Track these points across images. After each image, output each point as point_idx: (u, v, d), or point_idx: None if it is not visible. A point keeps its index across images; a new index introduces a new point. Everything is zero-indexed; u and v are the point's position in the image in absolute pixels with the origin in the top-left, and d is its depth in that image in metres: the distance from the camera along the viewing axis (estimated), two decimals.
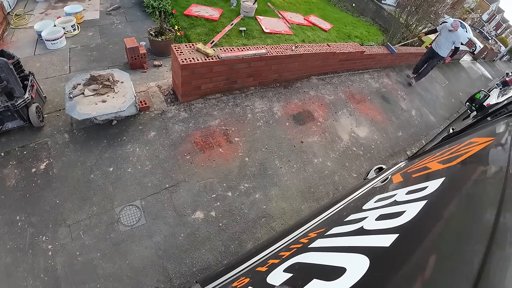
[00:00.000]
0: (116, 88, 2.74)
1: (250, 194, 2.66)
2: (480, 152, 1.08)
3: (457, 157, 1.18)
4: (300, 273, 0.81)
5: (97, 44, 3.84)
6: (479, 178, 0.87)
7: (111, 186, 2.33)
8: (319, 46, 4.14)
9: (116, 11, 4.68)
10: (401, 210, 0.85)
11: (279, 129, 3.39)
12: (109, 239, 2.06)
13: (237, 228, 2.40)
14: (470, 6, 16.86)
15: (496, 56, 16.10)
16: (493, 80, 10.89)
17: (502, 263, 0.49)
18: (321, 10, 7.93)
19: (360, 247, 0.75)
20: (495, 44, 18.42)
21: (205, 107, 3.24)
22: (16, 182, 2.19)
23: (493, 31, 29.03)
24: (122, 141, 2.65)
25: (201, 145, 2.87)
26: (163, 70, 3.76)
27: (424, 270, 0.54)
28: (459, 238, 0.62)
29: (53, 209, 2.12)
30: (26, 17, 4.02)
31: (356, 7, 9.41)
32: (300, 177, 3.00)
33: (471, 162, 1.04)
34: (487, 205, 0.70)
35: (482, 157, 1.05)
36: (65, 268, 1.88)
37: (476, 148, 1.14)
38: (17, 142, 2.43)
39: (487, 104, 4.02)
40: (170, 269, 2.04)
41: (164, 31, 3.88)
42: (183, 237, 2.21)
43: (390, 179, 1.53)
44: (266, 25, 5.62)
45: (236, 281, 1.13)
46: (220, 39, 4.62)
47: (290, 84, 4.11)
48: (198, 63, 2.82)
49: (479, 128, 1.70)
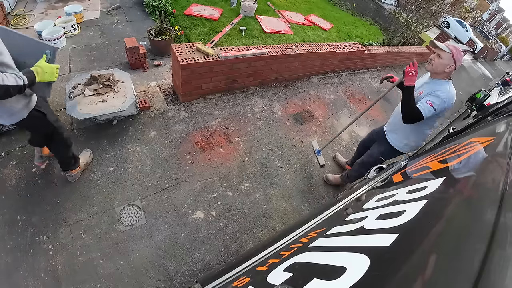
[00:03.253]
0: (117, 88, 2.74)
1: (250, 193, 2.66)
2: (480, 152, 1.08)
3: (457, 156, 1.18)
4: (300, 273, 0.81)
5: (97, 44, 3.84)
6: (479, 177, 0.87)
7: (112, 186, 2.33)
8: (319, 45, 4.14)
9: (116, 11, 4.67)
10: (401, 209, 0.85)
11: (280, 129, 3.39)
12: (110, 238, 2.07)
13: (237, 227, 2.40)
14: (471, 6, 16.83)
15: (496, 55, 16.09)
16: (494, 79, 10.88)
17: (503, 263, 0.49)
18: (321, 9, 7.93)
19: (360, 247, 0.75)
20: (496, 44, 18.40)
21: (205, 107, 3.24)
22: (16, 182, 2.20)
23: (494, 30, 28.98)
24: (123, 140, 2.65)
25: (201, 144, 2.87)
26: (163, 70, 3.76)
27: (424, 269, 0.54)
28: (459, 237, 0.62)
29: (53, 209, 2.12)
30: (26, 17, 4.02)
31: (357, 6, 9.41)
32: (301, 177, 3.00)
33: (471, 161, 1.04)
34: (487, 204, 0.70)
35: (482, 156, 1.05)
36: (66, 268, 1.88)
37: (476, 148, 1.14)
38: (17, 142, 2.43)
39: (487, 103, 4.02)
40: (170, 268, 2.04)
41: (164, 31, 3.88)
42: (184, 236, 2.22)
43: (390, 179, 1.53)
44: (266, 25, 5.62)
45: (236, 281, 1.13)
46: (220, 39, 4.62)
47: (290, 83, 4.11)
48: (198, 63, 2.82)
49: (480, 128, 1.70)
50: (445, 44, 1.89)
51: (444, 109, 1.92)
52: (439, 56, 1.89)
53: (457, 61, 1.85)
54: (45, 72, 1.52)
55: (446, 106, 1.91)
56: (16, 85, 1.34)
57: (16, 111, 1.56)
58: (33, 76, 1.46)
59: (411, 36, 6.55)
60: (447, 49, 1.84)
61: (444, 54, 1.86)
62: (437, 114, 1.96)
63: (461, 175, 0.95)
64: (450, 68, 1.87)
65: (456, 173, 1.00)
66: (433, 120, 2.09)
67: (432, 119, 2.05)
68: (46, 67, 1.52)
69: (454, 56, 1.83)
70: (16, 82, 1.33)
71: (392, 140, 2.33)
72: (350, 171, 2.80)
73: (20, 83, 1.36)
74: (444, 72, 1.91)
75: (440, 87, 1.92)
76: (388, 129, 2.40)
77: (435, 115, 1.96)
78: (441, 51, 1.88)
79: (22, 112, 1.60)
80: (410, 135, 2.22)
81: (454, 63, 1.85)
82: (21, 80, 1.36)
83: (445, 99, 1.88)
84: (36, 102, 1.68)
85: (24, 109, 1.61)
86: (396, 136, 2.31)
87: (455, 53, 1.83)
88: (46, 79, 1.54)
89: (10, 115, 1.57)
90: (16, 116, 1.59)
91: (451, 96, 1.91)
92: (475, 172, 0.90)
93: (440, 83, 1.95)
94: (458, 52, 1.85)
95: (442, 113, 1.99)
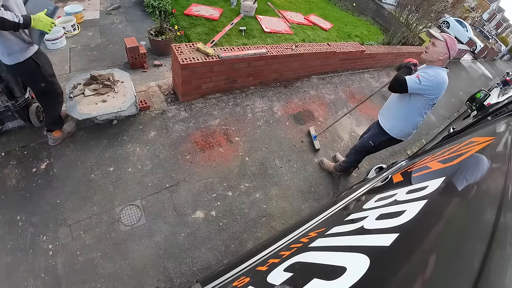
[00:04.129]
0: (117, 88, 2.74)
1: (250, 193, 2.66)
2: (480, 152, 1.08)
3: (457, 156, 1.18)
4: (301, 273, 0.81)
5: (97, 44, 3.84)
6: (479, 177, 0.87)
7: (112, 186, 2.33)
8: (319, 45, 4.14)
9: (116, 11, 4.67)
10: (402, 209, 0.85)
11: (280, 129, 3.39)
12: (110, 238, 2.07)
13: (237, 227, 2.40)
14: (471, 5, 16.83)
15: (496, 55, 16.09)
16: (494, 79, 10.88)
17: (503, 263, 0.49)
18: (321, 9, 7.93)
19: (360, 247, 0.75)
20: (496, 44, 18.41)
21: (205, 107, 3.24)
22: (16, 182, 2.20)
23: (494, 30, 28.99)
24: (123, 140, 2.65)
25: (201, 144, 2.87)
26: (163, 70, 3.76)
27: (424, 269, 0.54)
28: (459, 237, 0.62)
29: (53, 208, 2.12)
30: None
31: (357, 6, 9.40)
32: (301, 177, 3.00)
33: (472, 161, 1.04)
34: (487, 204, 0.70)
35: (482, 156, 1.05)
36: (66, 268, 1.88)
37: (476, 148, 1.14)
38: (17, 142, 2.43)
39: (487, 103, 4.02)
40: (170, 268, 2.04)
41: (164, 31, 3.88)
42: (184, 236, 2.22)
43: (391, 179, 1.53)
44: (266, 25, 5.62)
45: (236, 281, 1.13)
46: (220, 39, 4.62)
47: (290, 83, 4.11)
48: (198, 63, 2.82)
49: (480, 128, 1.70)
50: (440, 34, 1.97)
51: (430, 88, 1.97)
52: (434, 45, 1.97)
53: (451, 50, 1.92)
54: (40, 21, 1.74)
55: (433, 86, 1.96)
56: (11, 21, 1.57)
57: (13, 51, 1.79)
58: (29, 20, 1.69)
59: (411, 36, 6.55)
60: (441, 37, 1.93)
61: (438, 42, 1.94)
62: (424, 96, 2.02)
63: (461, 175, 0.95)
64: (444, 56, 1.94)
65: (456, 173, 1.00)
66: (419, 103, 2.10)
67: (419, 101, 2.08)
68: (42, 17, 1.75)
69: (448, 45, 1.91)
70: (12, 18, 1.57)
71: (382, 121, 2.40)
72: (343, 161, 2.93)
73: (16, 20, 1.60)
74: (439, 60, 1.98)
75: (432, 69, 2.01)
76: (380, 112, 2.50)
77: (422, 99, 2.03)
78: (435, 39, 1.96)
79: (18, 55, 1.82)
80: (398, 116, 2.27)
81: (448, 51, 1.92)
82: (17, 19, 1.60)
83: (433, 78, 1.94)
84: (34, 53, 1.89)
85: (22, 53, 1.83)
86: (386, 116, 2.39)
87: (448, 41, 1.92)
88: (39, 27, 1.76)
89: (8, 54, 1.79)
90: (13, 57, 1.81)
91: (441, 79, 1.96)
92: (475, 172, 0.90)
93: (434, 67, 2.02)
94: (452, 41, 1.93)
95: (429, 96, 2.02)
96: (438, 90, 1.98)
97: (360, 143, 2.68)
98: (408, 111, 2.17)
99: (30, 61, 1.87)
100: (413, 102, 2.10)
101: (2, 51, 1.78)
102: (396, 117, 2.28)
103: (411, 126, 2.26)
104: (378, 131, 2.44)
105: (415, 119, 2.20)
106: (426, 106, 2.10)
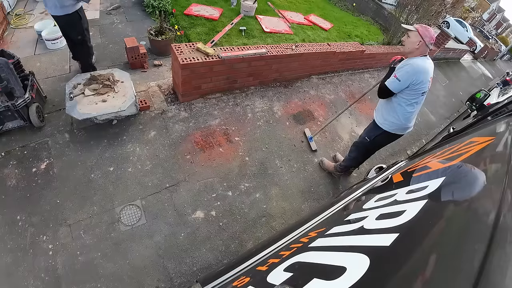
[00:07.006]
0: (116, 88, 2.74)
1: (250, 193, 2.66)
2: (480, 152, 1.08)
3: (457, 156, 1.18)
4: (300, 272, 0.81)
5: (97, 44, 3.83)
6: (479, 177, 0.87)
7: (112, 186, 2.33)
8: (319, 45, 4.13)
9: (116, 11, 4.67)
10: (402, 209, 0.85)
11: (280, 129, 3.39)
12: (110, 238, 2.07)
13: (237, 227, 2.40)
14: (471, 5, 16.83)
15: (496, 55, 16.09)
16: (494, 79, 10.89)
17: (503, 263, 0.49)
18: (321, 9, 7.92)
19: (360, 247, 0.75)
20: (496, 44, 18.41)
21: (205, 107, 3.24)
22: (16, 182, 2.20)
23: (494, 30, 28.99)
24: (123, 140, 2.65)
25: (201, 144, 2.87)
26: (163, 70, 3.76)
27: (424, 269, 0.54)
28: (459, 237, 0.62)
29: (53, 208, 2.12)
30: (26, 17, 4.02)
31: (357, 6, 9.40)
32: (301, 177, 3.00)
33: (472, 161, 1.04)
34: (487, 204, 0.70)
35: (482, 156, 1.05)
36: (66, 268, 1.88)
37: (476, 148, 1.14)
38: (17, 142, 2.43)
39: (487, 103, 4.02)
40: (170, 268, 2.04)
41: (164, 31, 3.88)
42: (184, 236, 2.22)
43: (391, 179, 1.53)
44: (266, 25, 5.61)
45: (236, 280, 1.13)
46: (220, 39, 4.61)
47: (290, 83, 4.11)
48: (198, 63, 2.82)
49: (480, 128, 1.70)
50: (412, 26, 2.07)
51: (409, 79, 2.01)
52: (408, 36, 2.07)
53: (424, 37, 1.98)
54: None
55: (411, 76, 2.00)
56: None
57: (66, 5, 2.46)
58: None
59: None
60: (412, 28, 2.04)
61: (411, 33, 2.05)
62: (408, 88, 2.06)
63: (461, 175, 0.95)
64: (419, 44, 2.01)
65: (456, 173, 1.00)
66: (404, 93, 2.13)
67: (404, 92, 2.12)
68: None
69: (420, 32, 1.99)
70: None
71: (376, 116, 2.47)
72: (344, 159, 2.96)
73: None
74: (416, 49, 2.05)
75: (406, 61, 2.10)
76: (375, 109, 2.56)
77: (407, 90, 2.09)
78: (408, 31, 2.07)
79: (69, 8, 2.50)
80: (387, 109, 2.33)
81: (422, 38, 1.99)
82: None
83: (409, 69, 2.01)
84: (80, 8, 2.64)
85: (72, 7, 2.52)
86: (378, 111, 2.46)
87: (420, 29, 2.00)
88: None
89: (61, 7, 2.44)
90: (64, 9, 2.47)
91: (416, 66, 2.01)
92: (475, 172, 0.90)
93: (411, 59, 2.09)
94: (424, 29, 2.00)
95: (412, 86, 2.05)
96: (416, 77, 2.00)
97: (358, 139, 2.75)
98: (396, 102, 2.22)
99: (75, 14, 2.57)
100: (399, 93, 2.17)
101: (55, 3, 2.38)
102: (386, 110, 2.33)
103: (402, 118, 2.26)
104: (372, 127, 2.51)
105: (405, 109, 2.20)
106: (414, 95, 2.11)
